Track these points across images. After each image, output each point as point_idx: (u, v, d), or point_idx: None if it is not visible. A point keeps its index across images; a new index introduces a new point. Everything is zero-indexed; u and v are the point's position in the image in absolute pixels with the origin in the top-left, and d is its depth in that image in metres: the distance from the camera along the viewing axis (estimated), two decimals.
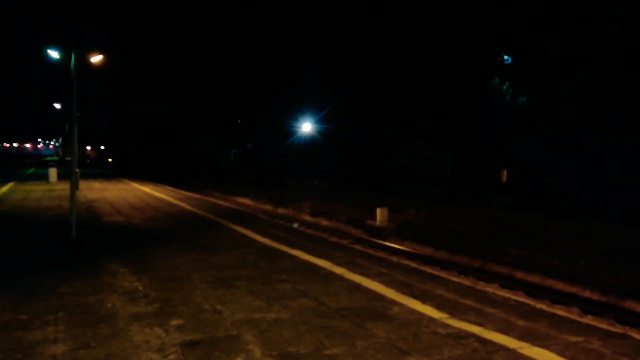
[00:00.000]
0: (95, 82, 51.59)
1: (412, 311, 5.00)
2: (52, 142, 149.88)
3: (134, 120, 65.50)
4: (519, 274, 10.50)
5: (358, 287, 5.89)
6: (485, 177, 29.57)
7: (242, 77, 48.99)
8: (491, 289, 6.61)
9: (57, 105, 39.95)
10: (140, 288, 5.76)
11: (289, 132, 41.90)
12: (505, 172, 29.95)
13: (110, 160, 78.56)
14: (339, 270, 6.73)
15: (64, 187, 19.44)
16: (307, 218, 18.49)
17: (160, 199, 17.11)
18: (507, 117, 31.40)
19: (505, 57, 32.28)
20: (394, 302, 5.29)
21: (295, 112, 40.55)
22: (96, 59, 13.98)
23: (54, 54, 11.96)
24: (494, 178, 29.62)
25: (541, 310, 5.20)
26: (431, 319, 4.75)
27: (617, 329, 5.09)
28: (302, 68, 41.78)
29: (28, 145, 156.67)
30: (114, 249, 8.16)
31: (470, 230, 14.44)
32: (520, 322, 4.72)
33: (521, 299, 5.82)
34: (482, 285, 7.11)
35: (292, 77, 42.99)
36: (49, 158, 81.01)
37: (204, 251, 7.93)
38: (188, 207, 14.68)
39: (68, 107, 9.74)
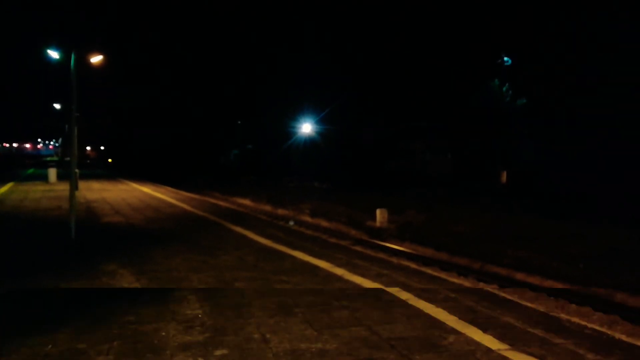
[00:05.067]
0: (95, 82, 51.54)
1: (414, 311, 4.98)
2: (51, 142, 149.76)
3: (134, 120, 65.50)
4: (519, 275, 10.47)
5: (358, 288, 5.88)
6: (484, 179, 29.54)
7: (242, 77, 49.05)
8: (490, 289, 6.59)
9: (57, 106, 39.85)
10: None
11: (288, 133, 41.87)
12: (504, 174, 29.93)
13: (110, 160, 78.55)
14: (339, 271, 6.72)
15: (64, 188, 19.42)
16: (307, 219, 18.46)
17: (160, 200, 17.10)
18: (506, 119, 31.40)
19: (505, 58, 32.27)
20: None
21: (295, 113, 40.53)
22: (96, 59, 13.91)
23: (53, 54, 11.90)
24: (493, 179, 29.61)
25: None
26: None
27: None
28: (302, 69, 41.82)
29: (28, 146, 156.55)
30: (113, 249, 8.14)
31: (470, 232, 14.41)
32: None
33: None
34: (481, 286, 7.10)
35: (292, 78, 43.01)
36: (48, 158, 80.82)
37: (203, 252, 7.92)
38: (188, 208, 14.66)
39: (68, 107, 9.72)
